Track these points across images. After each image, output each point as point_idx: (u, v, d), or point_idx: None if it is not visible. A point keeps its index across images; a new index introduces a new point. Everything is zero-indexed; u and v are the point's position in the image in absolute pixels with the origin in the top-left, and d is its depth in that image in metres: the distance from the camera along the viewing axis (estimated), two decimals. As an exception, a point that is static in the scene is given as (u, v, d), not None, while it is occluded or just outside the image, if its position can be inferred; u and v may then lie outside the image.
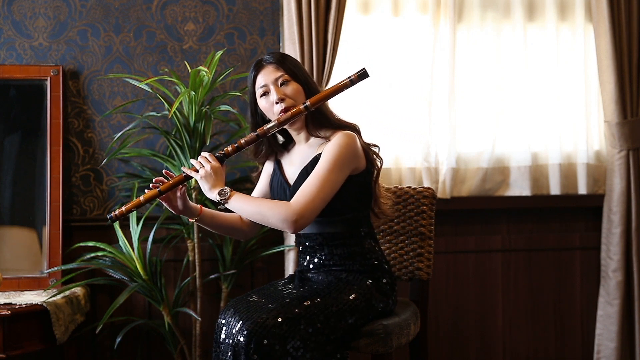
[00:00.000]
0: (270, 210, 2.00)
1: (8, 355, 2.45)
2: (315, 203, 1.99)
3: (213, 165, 2.06)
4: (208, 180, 2.05)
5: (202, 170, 2.06)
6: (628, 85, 3.17)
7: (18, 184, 2.92)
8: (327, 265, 2.15)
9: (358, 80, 2.06)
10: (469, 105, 3.22)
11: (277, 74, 2.12)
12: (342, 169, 2.04)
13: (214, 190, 2.05)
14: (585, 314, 3.30)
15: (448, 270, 3.22)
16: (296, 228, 1.99)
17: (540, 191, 3.25)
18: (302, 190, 2.01)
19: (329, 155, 2.04)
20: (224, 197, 2.03)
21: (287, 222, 1.98)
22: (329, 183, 2.01)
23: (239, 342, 1.90)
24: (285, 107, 2.09)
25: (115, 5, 3.03)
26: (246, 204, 2.04)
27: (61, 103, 2.93)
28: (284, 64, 2.13)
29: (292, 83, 2.12)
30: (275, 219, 1.99)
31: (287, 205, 1.99)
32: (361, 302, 2.06)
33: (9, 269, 2.83)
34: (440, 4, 3.14)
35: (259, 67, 2.15)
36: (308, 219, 1.99)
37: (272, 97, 2.11)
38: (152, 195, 2.08)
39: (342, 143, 2.05)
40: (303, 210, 1.98)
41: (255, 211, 2.02)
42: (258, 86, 2.14)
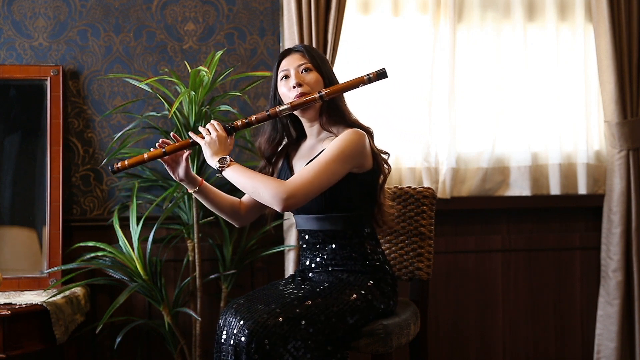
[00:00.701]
0: (264, 184, 1.99)
1: (8, 355, 2.45)
2: (310, 186, 1.98)
3: (219, 134, 2.07)
4: (211, 147, 2.06)
5: (207, 137, 2.07)
6: (628, 85, 3.17)
7: (18, 184, 2.92)
8: (329, 265, 2.15)
9: (376, 79, 2.06)
10: (469, 105, 3.22)
11: (301, 61, 2.14)
12: (343, 162, 2.03)
13: (214, 158, 2.05)
14: (585, 314, 3.30)
15: (448, 270, 3.22)
16: (285, 206, 1.97)
17: (540, 191, 3.25)
18: (299, 173, 2.02)
19: (333, 146, 2.04)
20: (222, 165, 2.03)
21: (277, 198, 1.96)
22: (327, 172, 2.00)
23: (240, 342, 1.90)
24: (301, 92, 2.10)
25: (115, 5, 3.03)
26: (242, 175, 2.03)
27: (61, 103, 2.93)
28: (310, 54, 2.16)
29: (313, 72, 2.14)
30: (266, 194, 1.98)
31: (281, 183, 1.98)
32: (362, 303, 2.06)
33: (9, 269, 2.83)
34: (440, 4, 3.14)
35: (285, 54, 2.19)
36: (299, 200, 1.97)
37: (290, 81, 2.13)
38: (156, 154, 2.10)
39: (348, 138, 2.05)
40: (295, 191, 1.96)
41: (249, 183, 2.01)
42: (280, 70, 2.16)
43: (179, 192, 2.78)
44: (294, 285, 2.14)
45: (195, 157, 2.72)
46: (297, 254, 2.95)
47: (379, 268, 2.15)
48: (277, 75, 2.18)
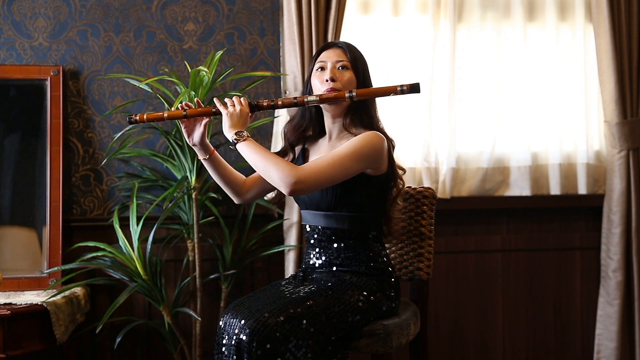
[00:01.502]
0: (276, 165, 1.99)
1: (8, 355, 2.44)
2: (321, 176, 1.98)
3: (243, 108, 2.08)
4: (232, 119, 2.07)
5: (231, 107, 2.08)
6: (628, 85, 3.17)
7: (18, 184, 2.92)
8: (333, 265, 2.15)
9: (409, 91, 2.05)
10: (469, 105, 3.22)
11: (341, 57, 2.15)
12: (358, 160, 2.03)
13: (232, 130, 2.06)
14: (585, 314, 3.30)
15: (448, 270, 3.22)
16: (292, 190, 1.96)
17: (540, 191, 3.25)
18: (313, 161, 2.02)
19: (351, 143, 2.05)
20: (239, 137, 2.04)
21: (287, 181, 1.96)
22: (340, 166, 2.01)
23: (241, 340, 1.90)
24: (332, 88, 2.11)
25: (115, 5, 3.03)
26: (255, 151, 2.03)
27: (61, 103, 2.92)
28: (351, 52, 2.17)
29: (349, 71, 2.15)
30: (276, 175, 1.97)
31: (293, 167, 1.99)
32: (364, 304, 2.06)
33: (9, 269, 2.83)
34: (440, 4, 3.14)
35: (327, 47, 2.20)
36: (307, 186, 1.97)
37: (325, 75, 2.13)
38: (176, 114, 2.12)
39: (367, 138, 2.06)
40: (306, 177, 1.96)
41: (261, 161, 2.01)
42: (318, 61, 2.17)
43: (179, 192, 2.78)
44: (295, 284, 2.14)
45: (195, 157, 2.72)
46: (297, 254, 2.95)
47: (384, 270, 2.15)
48: (314, 65, 2.19)
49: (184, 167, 2.76)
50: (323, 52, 2.18)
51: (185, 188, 2.77)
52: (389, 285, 2.15)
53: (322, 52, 2.19)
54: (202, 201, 2.81)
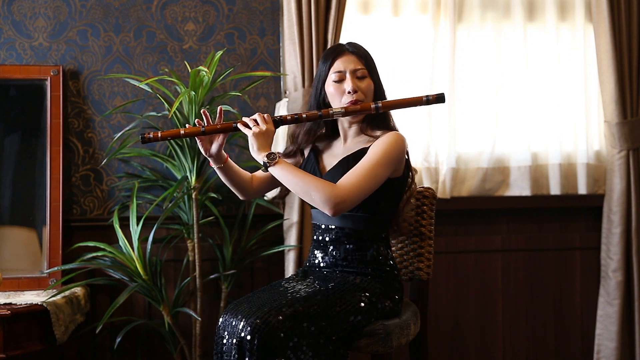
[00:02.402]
0: (316, 186, 1.98)
1: (8, 355, 2.44)
2: (360, 191, 1.99)
3: (269, 127, 2.05)
4: (259, 139, 2.03)
5: (255, 127, 2.04)
6: (628, 85, 3.17)
7: (18, 184, 2.92)
8: (340, 265, 2.15)
9: (434, 102, 2.08)
10: (469, 105, 3.22)
11: (358, 66, 2.14)
12: (388, 166, 2.05)
13: (262, 153, 2.03)
14: (585, 314, 3.30)
15: (448, 270, 3.22)
16: (336, 211, 1.97)
17: (540, 191, 3.25)
18: (349, 176, 2.01)
19: (379, 149, 2.04)
20: (271, 160, 2.02)
21: (330, 202, 1.96)
22: (375, 176, 2.02)
23: (243, 338, 1.90)
24: (354, 100, 2.10)
25: (115, 5, 3.03)
26: (292, 174, 2.01)
27: (61, 103, 2.92)
28: (365, 58, 2.15)
29: (367, 79, 2.15)
30: (318, 197, 1.97)
31: (334, 187, 1.98)
32: (366, 306, 2.06)
33: (9, 269, 2.83)
34: (440, 4, 3.14)
35: (340, 52, 2.16)
36: (349, 205, 1.99)
37: (346, 86, 2.12)
38: (194, 131, 2.07)
39: (393, 141, 2.06)
40: (347, 195, 1.97)
41: (300, 184, 2.00)
42: (334, 70, 2.14)
43: (179, 192, 2.78)
44: (297, 283, 2.14)
45: (195, 157, 2.72)
46: (297, 254, 2.95)
47: (389, 273, 2.15)
48: (328, 72, 2.15)
49: (184, 167, 2.76)
50: (337, 60, 2.15)
51: (185, 188, 2.77)
52: (393, 289, 2.15)
53: (336, 59, 2.15)
54: (202, 201, 2.81)
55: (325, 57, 2.18)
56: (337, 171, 2.12)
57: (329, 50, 2.19)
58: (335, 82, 2.14)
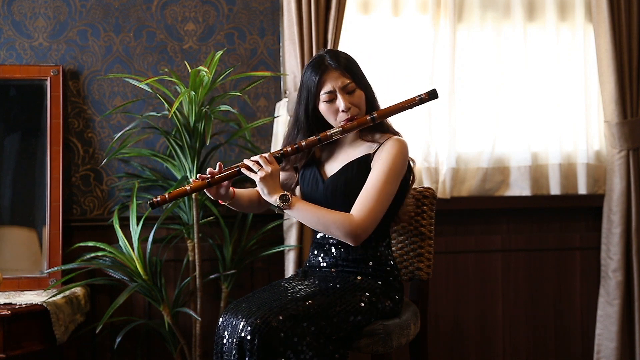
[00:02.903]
0: (334, 223, 2.01)
1: (8, 355, 2.44)
2: (377, 215, 2.02)
3: (274, 168, 2.05)
4: (267, 183, 2.04)
5: (261, 172, 2.04)
6: (628, 85, 3.17)
7: (18, 184, 2.92)
8: (340, 265, 2.15)
9: (428, 99, 2.09)
10: (469, 105, 3.22)
11: (345, 81, 2.11)
12: (397, 179, 2.07)
13: (273, 195, 2.04)
14: (585, 314, 3.30)
15: (448, 270, 3.22)
16: (358, 241, 2.02)
17: (540, 191, 3.25)
18: (362, 203, 2.02)
19: (386, 165, 2.05)
20: (285, 203, 2.03)
21: (351, 235, 2.01)
22: (386, 195, 2.04)
23: (243, 338, 1.90)
24: (351, 117, 2.10)
25: (115, 5, 3.03)
26: (309, 213, 2.04)
27: (61, 103, 2.92)
28: (349, 70, 2.12)
29: (357, 91, 2.13)
30: (338, 232, 2.01)
31: (350, 219, 2.00)
32: (366, 306, 2.06)
33: (9, 269, 2.83)
34: (440, 4, 3.14)
35: (324, 70, 2.11)
36: (369, 231, 2.03)
37: (339, 105, 2.10)
38: (200, 185, 2.08)
39: (398, 152, 2.07)
40: (365, 224, 2.00)
41: (318, 222, 2.03)
42: (324, 91, 2.11)
43: (179, 192, 2.78)
44: (297, 283, 2.14)
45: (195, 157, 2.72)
46: (297, 254, 2.95)
47: (390, 273, 2.16)
48: (318, 93, 2.11)
49: (184, 167, 2.76)
50: (324, 80, 2.10)
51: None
52: (394, 289, 2.15)
53: (323, 80, 2.10)
54: (202, 201, 2.81)
55: (311, 72, 2.12)
56: (340, 177, 2.12)
57: (314, 67, 2.13)
58: (326, 102, 2.12)
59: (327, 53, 2.15)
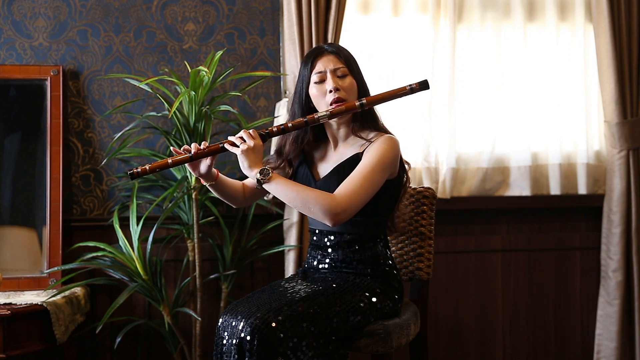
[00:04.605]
0: (314, 199, 1.96)
1: (8, 355, 2.45)
2: (359, 199, 1.98)
3: (257, 142, 2.02)
4: (249, 157, 2.01)
5: (243, 145, 2.01)
6: (628, 85, 3.17)
7: (18, 184, 2.92)
8: (338, 267, 2.15)
9: (418, 89, 2.06)
10: (469, 105, 3.22)
11: (338, 65, 2.10)
12: (384, 171, 2.04)
13: (253, 169, 2.00)
14: (585, 314, 3.30)
15: (448, 270, 3.22)
16: (337, 221, 1.96)
17: (540, 191, 3.25)
18: (346, 185, 1.99)
19: (375, 155, 2.03)
20: (264, 177, 1.99)
21: (330, 213, 1.95)
22: (372, 182, 2.00)
23: (243, 339, 1.90)
24: (337, 98, 2.07)
25: (115, 5, 3.03)
26: (288, 188, 1.99)
27: (61, 103, 2.93)
28: (345, 57, 2.12)
29: (349, 78, 2.11)
30: (318, 209, 1.95)
31: (332, 197, 1.96)
32: (366, 305, 2.06)
33: (9, 269, 2.83)
34: (440, 4, 3.14)
35: (319, 53, 2.12)
36: (349, 214, 1.97)
37: (327, 85, 2.09)
38: (182, 159, 2.04)
39: (388, 146, 2.05)
40: (347, 205, 1.96)
41: (297, 197, 1.98)
42: (315, 71, 2.11)
43: (179, 192, 2.78)
44: (296, 284, 2.14)
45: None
46: (297, 254, 2.95)
47: (388, 273, 2.15)
48: (310, 75, 2.12)
49: (183, 167, 2.76)
50: (317, 62, 2.11)
51: (185, 188, 2.77)
52: (393, 288, 2.15)
53: (315, 61, 2.11)
54: (202, 201, 2.81)
55: (305, 60, 2.15)
56: (332, 178, 2.11)
57: (309, 53, 2.15)
58: (316, 83, 2.11)
59: (325, 44, 2.17)
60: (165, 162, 2.04)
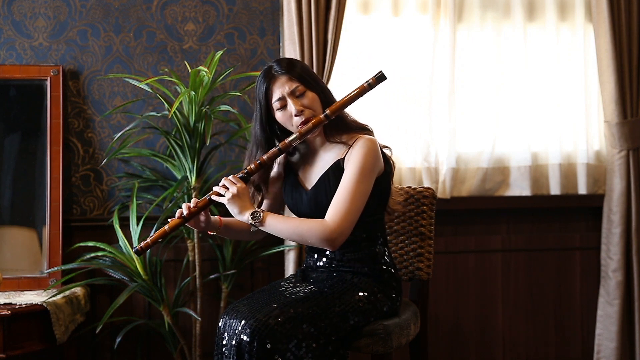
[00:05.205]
0: (308, 231, 2.00)
1: (8, 355, 2.45)
2: (351, 218, 2.00)
3: (239, 187, 2.04)
4: (236, 203, 2.04)
5: (228, 193, 2.04)
6: (628, 85, 3.17)
7: (18, 184, 2.92)
8: (336, 267, 2.15)
9: (376, 83, 2.06)
10: (469, 105, 3.22)
11: (292, 85, 2.08)
12: (370, 178, 2.05)
13: (244, 213, 2.04)
14: (585, 314, 3.30)
15: (448, 270, 3.22)
16: (336, 246, 2.00)
17: (540, 191, 3.25)
18: (335, 206, 2.01)
19: (356, 166, 2.03)
20: (256, 219, 2.03)
21: (327, 241, 1.99)
22: (359, 194, 2.01)
23: (242, 340, 1.90)
24: (305, 119, 2.08)
25: (115, 5, 3.03)
26: (281, 225, 2.03)
27: (61, 103, 2.93)
28: (297, 74, 2.09)
29: (307, 93, 2.10)
30: (314, 239, 2.00)
31: (324, 225, 1.99)
32: (365, 305, 2.06)
33: (9, 269, 2.83)
34: (440, 4, 3.14)
35: (270, 78, 2.10)
36: (346, 235, 2.01)
37: (290, 109, 2.08)
38: (176, 223, 2.07)
39: (367, 151, 2.04)
40: (340, 228, 1.99)
41: (292, 232, 2.03)
42: (274, 99, 2.10)
43: (179, 192, 2.78)
44: (296, 284, 2.14)
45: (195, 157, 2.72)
46: (297, 254, 2.95)
47: (386, 271, 2.15)
48: (270, 103, 2.11)
49: (184, 167, 2.76)
50: (272, 89, 2.09)
51: (185, 188, 2.77)
52: (390, 286, 2.15)
53: (271, 89, 2.10)
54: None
55: (258, 85, 2.12)
56: (320, 189, 2.12)
57: (260, 77, 2.13)
58: (279, 110, 2.10)
59: (275, 62, 2.15)
60: (163, 230, 2.06)
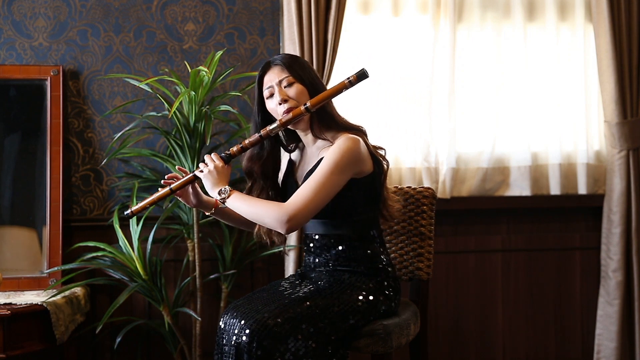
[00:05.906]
0: (265, 211, 2.01)
1: (8, 355, 2.45)
2: (309, 206, 1.99)
3: (216, 165, 2.09)
4: (209, 179, 2.08)
5: (205, 169, 2.10)
6: (628, 85, 3.17)
7: (18, 184, 2.92)
8: (333, 266, 2.15)
9: (357, 81, 2.06)
10: (469, 105, 3.22)
11: (282, 76, 2.12)
12: (341, 173, 2.03)
13: (215, 189, 2.08)
14: (585, 314, 3.30)
15: (448, 270, 3.22)
16: (288, 229, 1.99)
17: (540, 191, 3.25)
18: (297, 193, 2.02)
19: (329, 159, 2.03)
20: (223, 195, 2.06)
21: (280, 222, 1.98)
22: (325, 186, 2.00)
23: (242, 341, 1.90)
24: (288, 108, 2.09)
25: (115, 5, 3.03)
26: (243, 203, 2.05)
27: (61, 103, 2.93)
28: (290, 66, 2.13)
29: (296, 85, 2.12)
30: (268, 219, 2.01)
31: (281, 207, 2.00)
32: (363, 304, 2.06)
33: (9, 269, 2.83)
34: (440, 4, 3.14)
35: (265, 68, 2.17)
36: (300, 221, 1.99)
37: (275, 98, 2.12)
38: (164, 193, 2.13)
39: (344, 147, 2.04)
40: (295, 213, 1.98)
41: (250, 211, 2.04)
42: (265, 87, 2.15)
43: (179, 192, 2.78)
44: (295, 285, 2.14)
45: (195, 157, 2.72)
46: (297, 254, 2.95)
47: (383, 270, 2.15)
48: (262, 92, 2.16)
49: (184, 167, 2.76)
50: (264, 77, 2.15)
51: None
52: (387, 285, 2.15)
53: (263, 77, 2.16)
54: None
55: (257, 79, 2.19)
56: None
57: (260, 67, 2.20)
58: (268, 98, 2.14)
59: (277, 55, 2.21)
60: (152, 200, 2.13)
